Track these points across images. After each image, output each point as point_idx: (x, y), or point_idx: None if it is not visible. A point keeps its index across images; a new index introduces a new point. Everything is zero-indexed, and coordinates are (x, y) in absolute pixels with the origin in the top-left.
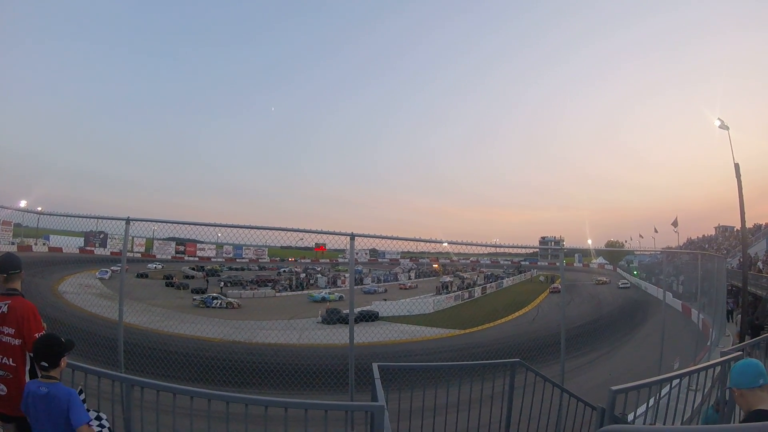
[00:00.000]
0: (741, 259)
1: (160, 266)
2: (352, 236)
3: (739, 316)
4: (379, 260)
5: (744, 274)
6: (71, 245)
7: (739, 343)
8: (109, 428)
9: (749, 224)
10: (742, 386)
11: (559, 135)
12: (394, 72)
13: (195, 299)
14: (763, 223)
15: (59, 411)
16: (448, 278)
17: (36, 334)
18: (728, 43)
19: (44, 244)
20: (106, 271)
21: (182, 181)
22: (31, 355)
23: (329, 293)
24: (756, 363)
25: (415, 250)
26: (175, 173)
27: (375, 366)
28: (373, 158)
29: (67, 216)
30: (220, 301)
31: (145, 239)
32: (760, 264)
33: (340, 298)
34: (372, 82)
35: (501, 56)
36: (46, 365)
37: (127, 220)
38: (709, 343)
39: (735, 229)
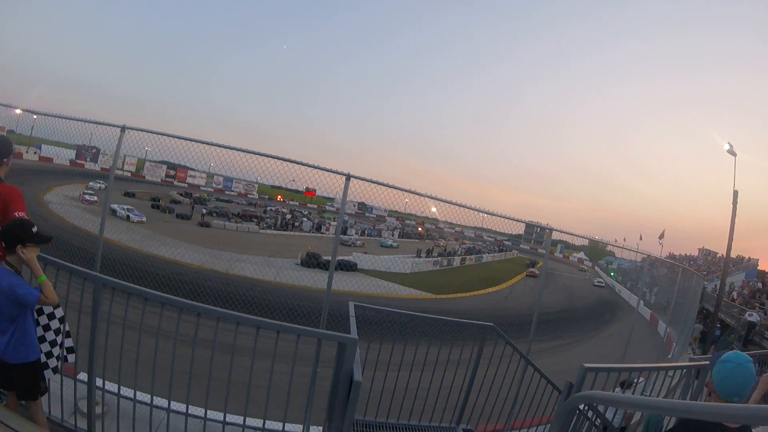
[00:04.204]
0: (717, 285)
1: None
2: (348, 176)
3: (699, 325)
4: (367, 214)
5: (718, 298)
6: (62, 157)
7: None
8: (67, 331)
9: (733, 254)
10: (719, 390)
11: (569, 127)
12: (418, 32)
13: (112, 207)
14: (747, 257)
15: (2, 294)
16: (443, 241)
17: (16, 214)
18: (748, 77)
19: (36, 152)
20: (100, 181)
21: (185, 109)
22: None
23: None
24: (749, 374)
25: (403, 211)
26: (178, 98)
27: (351, 304)
28: (380, 115)
29: (60, 117)
30: (123, 212)
31: (136, 159)
32: (734, 294)
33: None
34: (393, 38)
35: (533, 35)
36: (4, 247)
37: (123, 128)
38: (670, 356)
39: (718, 255)
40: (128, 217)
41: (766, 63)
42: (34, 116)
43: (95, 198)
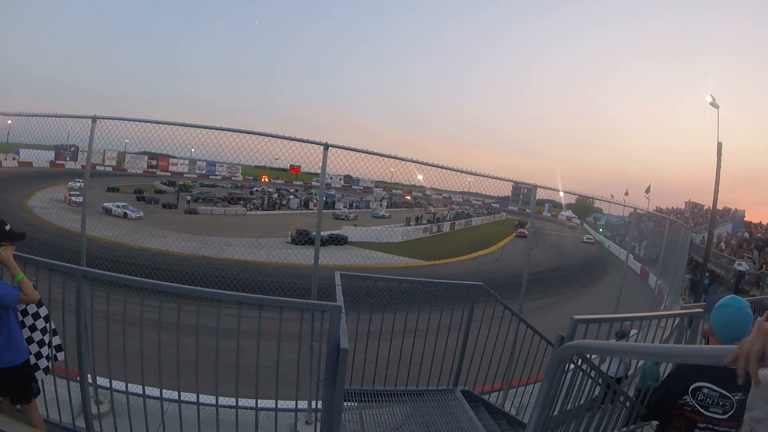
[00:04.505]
0: (705, 237)
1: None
2: (326, 146)
3: (688, 276)
4: (353, 187)
5: (707, 249)
6: (42, 159)
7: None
8: (53, 329)
9: (720, 206)
10: (718, 335)
11: (545, 86)
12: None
13: (103, 207)
14: (733, 208)
15: None
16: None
17: None
18: (729, 23)
19: (14, 158)
20: (79, 180)
21: (157, 95)
22: None
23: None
24: (748, 318)
25: (389, 180)
26: (148, 84)
27: (337, 273)
28: (346, 85)
29: (31, 116)
30: (119, 210)
31: (116, 153)
32: (723, 244)
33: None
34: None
35: None
36: None
37: (94, 118)
38: (662, 308)
39: (704, 207)
40: (125, 214)
41: (748, 11)
42: (9, 120)
43: (82, 198)
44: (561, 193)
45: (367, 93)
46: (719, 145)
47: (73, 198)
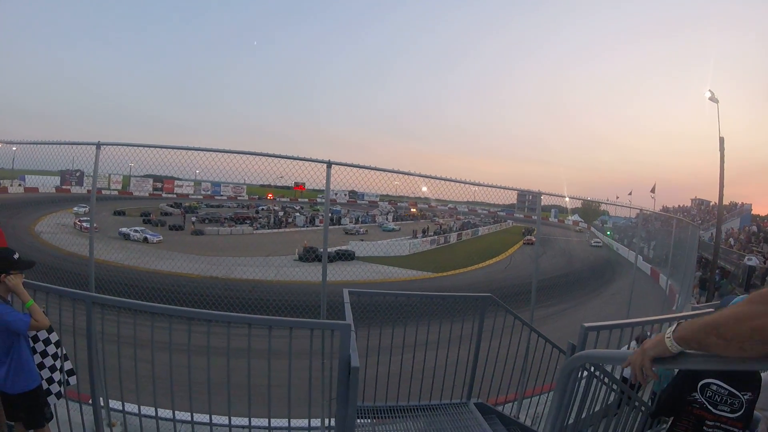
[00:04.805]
0: (713, 233)
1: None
2: (329, 164)
3: (698, 273)
4: (359, 202)
5: (716, 245)
6: (48, 185)
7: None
8: (64, 354)
9: (726, 202)
10: None
11: (547, 87)
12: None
13: (120, 232)
14: (739, 202)
15: None
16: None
17: None
18: (729, 24)
19: (20, 185)
20: (84, 206)
21: (166, 122)
22: None
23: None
24: None
25: (394, 194)
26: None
27: (345, 291)
28: (352, 99)
29: (35, 144)
30: (138, 235)
31: (122, 177)
32: (731, 240)
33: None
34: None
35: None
36: None
37: (98, 145)
38: (674, 308)
39: (711, 204)
40: (145, 239)
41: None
42: (14, 147)
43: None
44: (566, 199)
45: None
46: (721, 140)
47: (84, 224)
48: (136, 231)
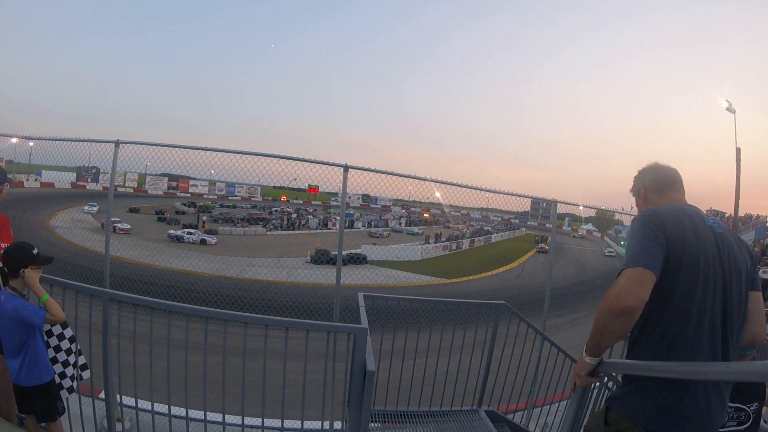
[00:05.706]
0: None
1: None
2: (346, 168)
3: None
4: (372, 206)
5: None
6: (63, 180)
7: None
8: (79, 349)
9: (741, 213)
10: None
11: (565, 95)
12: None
13: (171, 234)
14: (755, 214)
15: (8, 318)
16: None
17: (3, 245)
18: (748, 35)
19: (36, 179)
20: (94, 205)
21: (182, 119)
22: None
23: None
24: None
25: (408, 199)
26: (174, 108)
27: (360, 295)
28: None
29: (55, 140)
30: (194, 237)
31: (137, 174)
32: None
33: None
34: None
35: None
36: (6, 273)
37: (117, 143)
38: None
39: (726, 215)
40: (203, 240)
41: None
42: (31, 143)
43: (128, 225)
44: (581, 207)
45: (385, 110)
46: (737, 151)
47: (119, 226)
48: (190, 233)
